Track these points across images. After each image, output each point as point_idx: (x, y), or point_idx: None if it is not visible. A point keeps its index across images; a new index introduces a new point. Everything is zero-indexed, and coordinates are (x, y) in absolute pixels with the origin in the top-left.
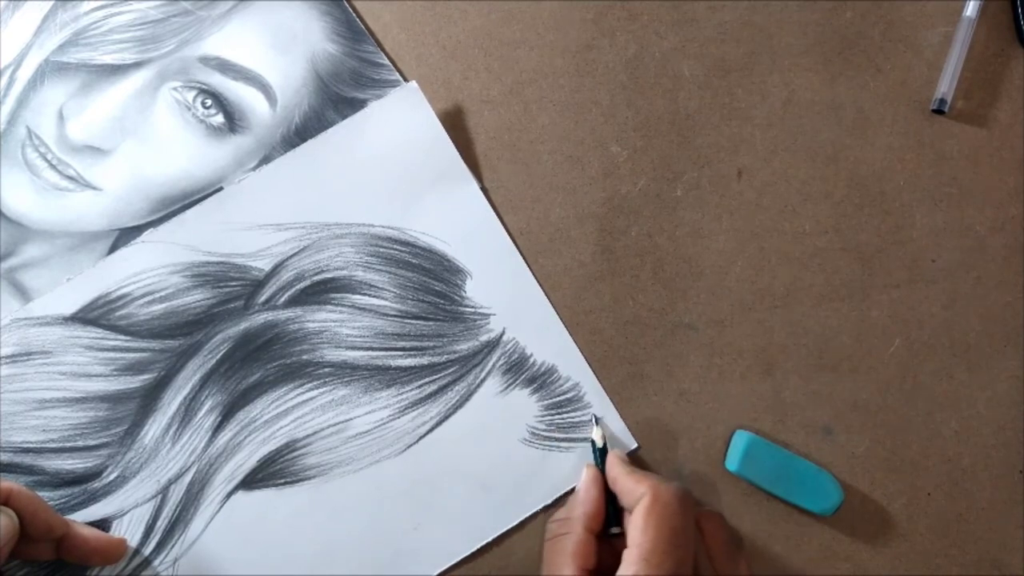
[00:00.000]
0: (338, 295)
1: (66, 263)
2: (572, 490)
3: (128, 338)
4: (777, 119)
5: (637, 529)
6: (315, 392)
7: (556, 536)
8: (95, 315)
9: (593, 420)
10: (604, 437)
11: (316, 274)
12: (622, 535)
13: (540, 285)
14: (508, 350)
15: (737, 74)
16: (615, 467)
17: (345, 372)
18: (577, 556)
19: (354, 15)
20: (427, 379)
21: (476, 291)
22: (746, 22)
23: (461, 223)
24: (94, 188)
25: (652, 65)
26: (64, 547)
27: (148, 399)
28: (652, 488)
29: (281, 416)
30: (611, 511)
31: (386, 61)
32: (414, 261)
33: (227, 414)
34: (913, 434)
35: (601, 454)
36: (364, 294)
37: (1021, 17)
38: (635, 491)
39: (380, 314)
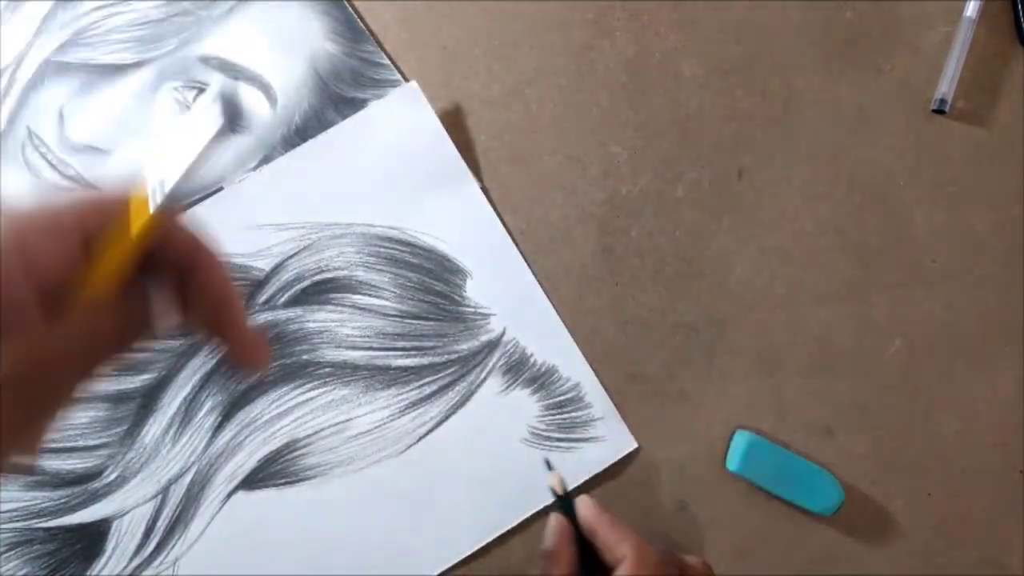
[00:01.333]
0: (338, 295)
1: None
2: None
3: None
4: (777, 119)
5: None
6: (315, 392)
7: None
8: None
9: (546, 465)
10: (562, 483)
11: (316, 274)
12: None
13: (540, 285)
14: (508, 350)
15: (737, 74)
16: (593, 516)
17: (345, 372)
18: None
19: (354, 15)
20: (427, 379)
21: (476, 291)
22: (746, 22)
23: (461, 223)
24: (94, 188)
25: (652, 65)
26: (217, 329)
27: (148, 399)
28: (635, 550)
29: (281, 416)
30: (587, 557)
31: (386, 61)
32: (414, 261)
33: (227, 414)
34: (913, 434)
35: (563, 501)
36: (364, 294)
37: (1021, 17)
38: (617, 549)
39: (380, 314)
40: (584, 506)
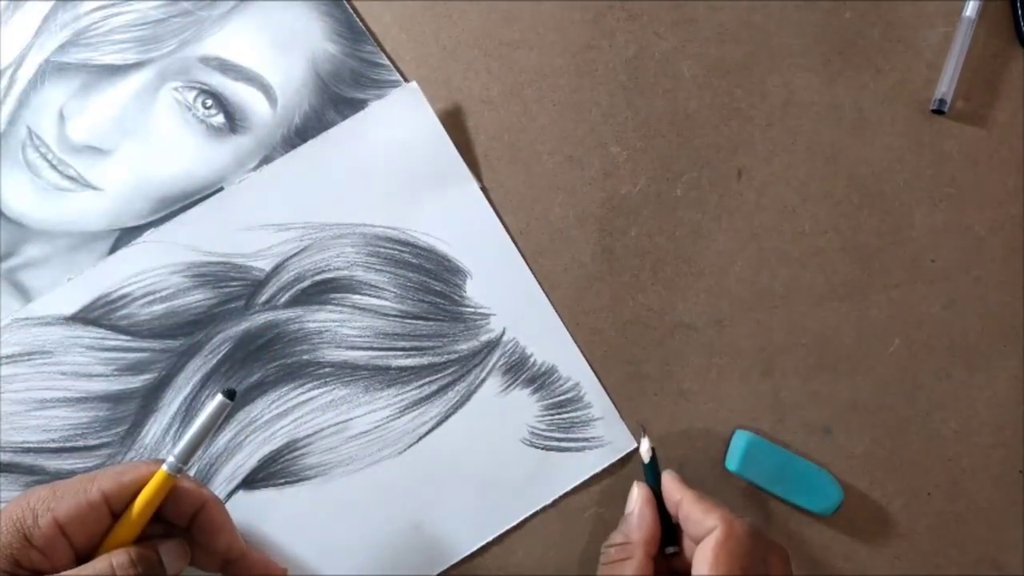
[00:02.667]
0: (338, 295)
1: (67, 263)
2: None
3: (129, 338)
4: (777, 119)
5: (706, 563)
6: (315, 392)
7: (615, 561)
8: (96, 315)
9: (642, 431)
10: (653, 450)
11: (317, 274)
12: (678, 554)
13: (540, 285)
14: (508, 350)
15: (737, 74)
16: (678, 491)
17: (345, 372)
18: None
19: (354, 15)
20: (427, 379)
21: (476, 291)
22: (746, 22)
23: (461, 223)
24: (95, 188)
25: (652, 65)
26: (231, 567)
27: (149, 399)
28: (725, 522)
29: (281, 416)
30: (665, 530)
31: (386, 61)
32: (414, 261)
33: (227, 414)
34: (913, 434)
35: (651, 468)
36: (364, 294)
37: (1021, 17)
38: (704, 522)
39: (380, 314)
40: (670, 479)
